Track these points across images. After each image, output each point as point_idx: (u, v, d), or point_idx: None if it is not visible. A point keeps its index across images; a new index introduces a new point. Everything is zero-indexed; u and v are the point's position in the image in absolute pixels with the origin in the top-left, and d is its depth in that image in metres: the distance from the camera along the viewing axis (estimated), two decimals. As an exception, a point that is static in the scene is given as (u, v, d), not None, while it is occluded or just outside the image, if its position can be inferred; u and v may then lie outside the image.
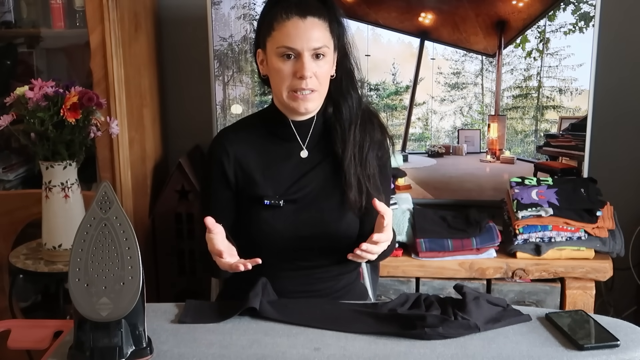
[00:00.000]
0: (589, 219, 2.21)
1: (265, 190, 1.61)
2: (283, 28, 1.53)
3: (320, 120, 1.66)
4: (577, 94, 2.44)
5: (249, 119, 1.77)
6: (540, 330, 1.41)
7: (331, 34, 1.57)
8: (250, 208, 1.62)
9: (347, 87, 1.64)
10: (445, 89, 2.51)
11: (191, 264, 2.61)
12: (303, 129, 1.65)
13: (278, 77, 1.57)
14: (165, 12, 2.79)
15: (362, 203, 1.62)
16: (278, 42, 1.54)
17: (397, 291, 2.25)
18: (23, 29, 2.58)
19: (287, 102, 1.58)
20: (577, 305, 2.22)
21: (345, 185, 1.61)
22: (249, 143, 1.65)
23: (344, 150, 1.62)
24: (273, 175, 1.63)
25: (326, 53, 1.56)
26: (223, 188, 1.65)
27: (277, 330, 1.42)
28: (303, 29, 1.53)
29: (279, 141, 1.66)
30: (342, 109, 1.63)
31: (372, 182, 1.63)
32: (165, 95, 2.85)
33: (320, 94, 1.59)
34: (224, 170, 1.63)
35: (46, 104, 2.00)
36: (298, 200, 1.61)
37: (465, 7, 2.42)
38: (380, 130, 1.68)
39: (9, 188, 2.52)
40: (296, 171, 1.64)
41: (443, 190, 2.55)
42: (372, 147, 1.64)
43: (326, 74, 1.58)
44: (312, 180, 1.64)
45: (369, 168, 1.63)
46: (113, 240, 1.27)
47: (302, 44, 1.52)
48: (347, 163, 1.61)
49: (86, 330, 1.28)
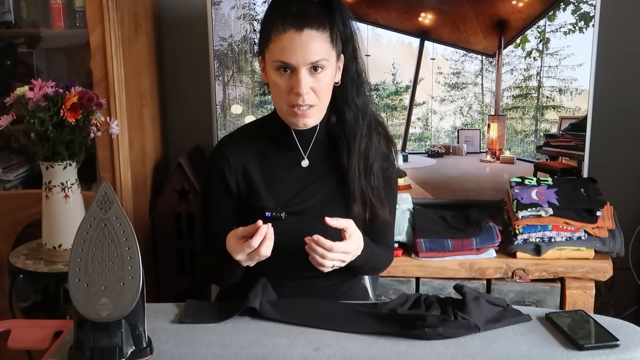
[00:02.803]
0: (589, 219, 2.21)
1: (267, 202, 1.59)
2: (279, 41, 1.47)
3: (324, 130, 1.62)
4: (577, 94, 2.44)
5: (250, 126, 1.73)
6: (540, 330, 1.41)
7: (332, 44, 1.51)
8: (252, 219, 1.58)
9: (352, 94, 1.58)
10: (445, 89, 2.51)
11: (191, 264, 2.61)
12: (305, 138, 1.61)
13: (276, 90, 1.53)
14: (165, 12, 2.79)
15: (366, 215, 1.60)
16: (274, 56, 1.49)
17: (397, 291, 2.25)
18: (23, 29, 2.58)
19: (286, 117, 1.55)
20: (577, 305, 2.22)
21: (349, 197, 1.59)
22: (251, 152, 1.62)
23: (349, 161, 1.58)
24: (275, 185, 1.60)
25: (325, 66, 1.50)
26: (225, 198, 1.62)
27: (277, 330, 1.42)
28: (299, 43, 1.46)
29: (280, 150, 1.62)
30: (347, 119, 1.59)
31: (376, 194, 1.60)
32: (165, 95, 2.85)
33: (320, 108, 1.55)
34: (226, 180, 1.60)
35: (46, 104, 2.00)
36: (301, 213, 1.59)
37: (465, 7, 2.42)
38: (386, 142, 1.65)
39: (9, 188, 2.52)
40: (298, 182, 1.61)
41: (443, 190, 2.55)
42: (377, 158, 1.61)
43: (326, 87, 1.53)
44: (316, 192, 1.61)
45: (373, 180, 1.60)
46: (113, 240, 1.27)
47: (298, 59, 1.47)
48: (351, 174, 1.58)
49: (86, 330, 1.28)
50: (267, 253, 1.44)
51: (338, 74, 1.57)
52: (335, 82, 1.57)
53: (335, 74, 1.55)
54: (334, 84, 1.56)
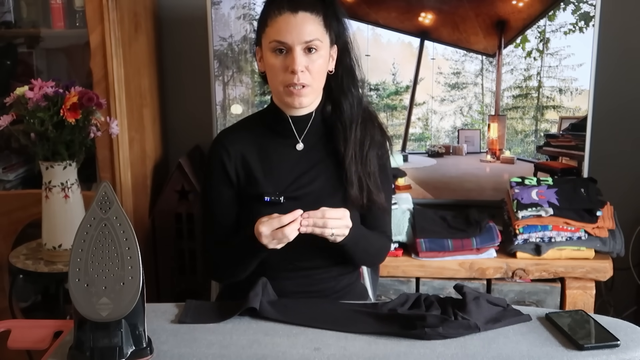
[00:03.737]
0: (589, 219, 2.21)
1: (265, 189, 1.62)
2: (275, 23, 1.56)
3: (319, 117, 1.67)
4: (577, 94, 2.44)
5: (247, 119, 1.78)
6: (540, 330, 1.41)
7: (326, 29, 1.58)
8: (251, 206, 1.62)
9: (347, 84, 1.64)
10: (445, 89, 2.51)
11: (191, 263, 2.61)
12: (301, 125, 1.66)
13: (272, 72, 1.59)
14: (165, 12, 2.79)
15: (363, 200, 1.63)
16: (270, 37, 1.57)
17: (397, 291, 2.25)
18: (23, 29, 2.58)
19: (282, 97, 1.60)
20: (577, 305, 2.22)
21: (346, 183, 1.62)
22: (249, 141, 1.66)
23: (346, 148, 1.63)
24: (273, 172, 1.64)
25: (319, 47, 1.56)
26: (225, 187, 1.65)
27: (277, 330, 1.42)
28: (294, 23, 1.54)
29: (277, 137, 1.67)
30: (343, 107, 1.64)
31: (373, 180, 1.64)
32: (165, 95, 2.85)
33: (314, 89, 1.60)
34: (226, 169, 1.64)
35: (46, 104, 2.00)
36: (299, 198, 1.61)
37: (465, 7, 2.42)
38: (380, 132, 1.69)
39: (9, 188, 2.52)
40: (296, 168, 1.64)
41: (443, 190, 2.55)
42: (372, 146, 1.65)
43: (320, 69, 1.58)
44: (313, 178, 1.64)
45: (369, 166, 1.64)
46: (113, 240, 1.27)
47: (293, 38, 1.54)
48: (348, 161, 1.62)
49: (86, 330, 1.28)
50: (291, 236, 1.48)
51: (331, 62, 1.63)
52: (330, 71, 1.63)
53: (328, 60, 1.61)
54: (328, 72, 1.62)
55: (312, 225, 1.49)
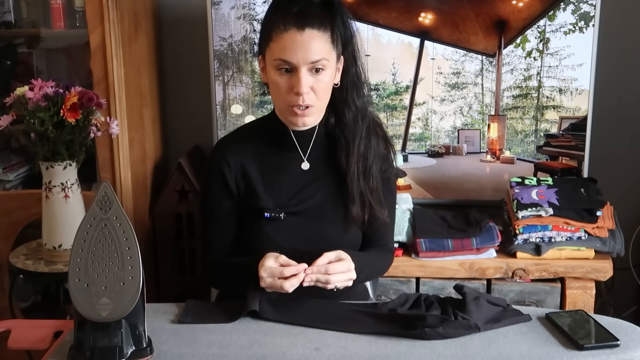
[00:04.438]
0: (589, 218, 2.21)
1: (266, 202, 1.59)
2: (280, 40, 1.48)
3: (322, 131, 1.63)
4: (577, 94, 2.44)
5: (248, 127, 1.73)
6: (540, 330, 1.41)
7: (333, 44, 1.52)
8: (251, 220, 1.60)
9: (351, 96, 1.59)
10: (445, 89, 2.51)
11: (191, 264, 2.61)
12: (304, 139, 1.62)
13: (276, 90, 1.53)
14: (165, 12, 2.79)
15: (365, 217, 1.60)
16: (275, 54, 1.50)
17: (397, 291, 2.25)
18: (23, 29, 2.58)
19: (285, 115, 1.56)
20: (577, 305, 2.22)
21: (348, 199, 1.59)
22: (249, 153, 1.62)
23: (348, 162, 1.59)
24: (274, 186, 1.61)
25: (325, 66, 1.50)
26: (225, 199, 1.62)
27: (277, 330, 1.42)
28: (300, 42, 1.47)
29: (279, 151, 1.63)
30: (346, 120, 1.59)
31: (375, 196, 1.60)
32: (165, 95, 2.85)
33: (319, 108, 1.56)
34: (226, 180, 1.61)
35: (46, 104, 2.00)
36: (300, 213, 1.59)
37: (465, 7, 2.42)
38: (385, 144, 1.65)
39: (9, 188, 2.52)
40: (297, 182, 1.61)
41: (443, 190, 2.55)
42: (376, 160, 1.61)
43: (326, 87, 1.53)
44: (314, 193, 1.61)
45: (372, 181, 1.60)
46: (113, 240, 1.27)
47: (299, 57, 1.47)
48: (350, 176, 1.58)
49: (86, 331, 1.28)
50: (290, 290, 1.43)
51: (337, 75, 1.57)
52: (335, 84, 1.57)
53: (334, 75, 1.56)
54: (334, 85, 1.57)
55: (315, 280, 1.45)
